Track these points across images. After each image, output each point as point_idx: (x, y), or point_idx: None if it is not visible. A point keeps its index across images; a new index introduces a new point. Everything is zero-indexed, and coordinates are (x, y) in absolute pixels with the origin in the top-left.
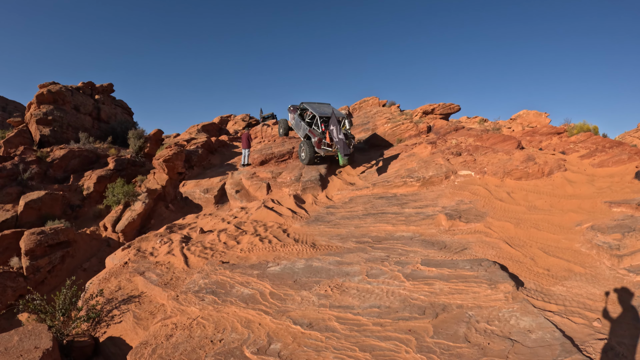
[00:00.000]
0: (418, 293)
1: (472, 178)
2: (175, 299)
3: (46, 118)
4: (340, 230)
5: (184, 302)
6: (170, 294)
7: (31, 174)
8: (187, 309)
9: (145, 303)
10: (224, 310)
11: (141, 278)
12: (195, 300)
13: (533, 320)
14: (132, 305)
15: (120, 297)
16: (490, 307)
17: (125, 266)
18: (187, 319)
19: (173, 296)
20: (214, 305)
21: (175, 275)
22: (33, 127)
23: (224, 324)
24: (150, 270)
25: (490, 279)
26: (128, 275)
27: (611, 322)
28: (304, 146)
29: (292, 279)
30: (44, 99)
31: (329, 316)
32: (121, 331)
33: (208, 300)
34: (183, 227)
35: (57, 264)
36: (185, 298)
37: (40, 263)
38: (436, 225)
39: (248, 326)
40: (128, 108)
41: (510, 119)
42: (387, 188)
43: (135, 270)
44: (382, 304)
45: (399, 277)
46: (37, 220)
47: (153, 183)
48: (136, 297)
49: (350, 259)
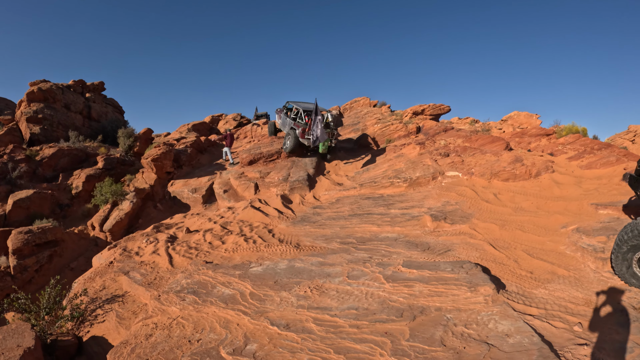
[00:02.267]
0: (397, 295)
1: (459, 179)
2: (157, 298)
3: (36, 116)
4: (326, 231)
5: (165, 302)
6: (153, 293)
7: (20, 173)
8: (168, 308)
9: (129, 302)
10: (203, 310)
11: (125, 277)
12: (176, 300)
13: (512, 324)
14: (115, 304)
15: (105, 297)
16: (469, 310)
17: (111, 266)
18: (167, 319)
19: (155, 296)
20: (195, 305)
21: (159, 275)
22: (23, 125)
23: (203, 324)
24: (135, 269)
25: (470, 281)
26: (113, 274)
27: (592, 326)
28: (289, 136)
29: (273, 279)
30: (34, 97)
31: (306, 317)
32: (104, 330)
33: (189, 300)
34: (170, 227)
35: (45, 263)
36: (167, 298)
37: (27, 262)
38: (421, 227)
39: (226, 326)
40: (119, 107)
41: (501, 120)
42: (374, 189)
43: (120, 270)
44: (361, 306)
45: (379, 278)
46: (26, 219)
47: (141, 182)
48: (120, 297)
49: (333, 259)
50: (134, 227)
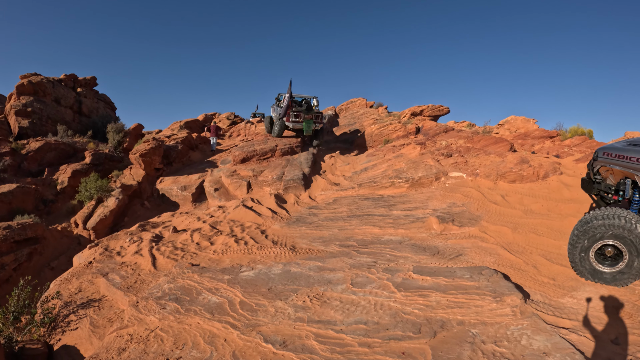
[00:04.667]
0: (411, 306)
1: (463, 180)
2: (135, 305)
3: (25, 109)
4: (323, 233)
5: (144, 309)
6: (132, 299)
7: (4, 166)
8: (145, 318)
9: (105, 308)
10: (186, 321)
11: (104, 280)
12: (155, 308)
13: (547, 340)
14: (90, 310)
15: (80, 301)
16: (496, 324)
17: (89, 266)
18: (144, 330)
19: (133, 302)
20: (176, 314)
21: (141, 278)
22: (12, 119)
23: (185, 337)
24: (115, 271)
25: (494, 290)
26: (90, 276)
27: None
28: (277, 121)
29: (266, 286)
30: (24, 90)
31: (306, 333)
32: (76, 339)
33: (170, 308)
34: (156, 226)
35: (24, 261)
36: (146, 305)
37: (5, 260)
38: (427, 229)
39: (212, 342)
40: (111, 103)
41: (498, 124)
42: (373, 189)
43: (99, 271)
44: (370, 319)
45: (388, 286)
46: (7, 215)
47: (129, 179)
48: (96, 301)
49: (333, 264)
50: (119, 225)
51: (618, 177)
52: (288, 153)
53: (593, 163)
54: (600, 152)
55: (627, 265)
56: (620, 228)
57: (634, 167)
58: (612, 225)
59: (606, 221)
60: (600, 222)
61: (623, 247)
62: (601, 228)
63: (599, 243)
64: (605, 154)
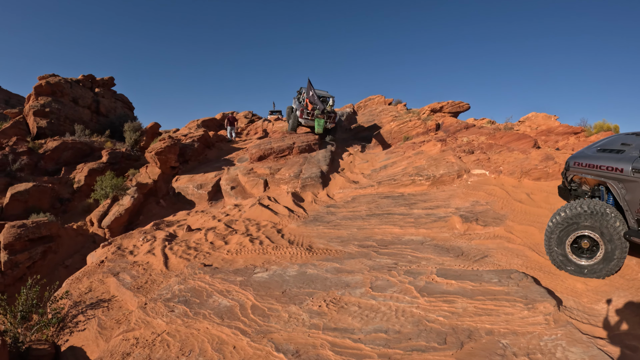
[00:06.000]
0: (435, 313)
1: (486, 177)
2: (143, 307)
3: (43, 110)
4: (341, 232)
5: (151, 312)
6: (141, 300)
7: (21, 165)
8: (153, 321)
9: (114, 309)
10: (194, 325)
11: (114, 280)
12: (164, 311)
13: (585, 353)
14: (99, 310)
15: (89, 301)
16: (528, 334)
17: (101, 265)
18: (150, 334)
19: (141, 304)
20: (184, 318)
21: (152, 278)
22: (30, 119)
23: (192, 343)
24: (126, 271)
25: (525, 295)
26: (101, 275)
27: None
28: (292, 117)
29: (280, 289)
30: (42, 91)
31: (321, 342)
32: (83, 341)
33: (178, 311)
34: (171, 224)
35: (38, 259)
36: (154, 307)
37: (19, 258)
38: (449, 229)
39: (219, 349)
40: (129, 102)
41: (518, 121)
42: (393, 187)
43: (110, 271)
44: (391, 328)
45: (410, 291)
46: (23, 213)
47: (145, 177)
48: (105, 302)
49: (351, 265)
50: (134, 223)
51: (592, 183)
52: (305, 151)
53: (566, 172)
54: (571, 161)
55: (604, 257)
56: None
57: (605, 175)
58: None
59: (581, 211)
60: (575, 212)
61: (598, 238)
62: (577, 218)
63: (574, 234)
64: (575, 164)
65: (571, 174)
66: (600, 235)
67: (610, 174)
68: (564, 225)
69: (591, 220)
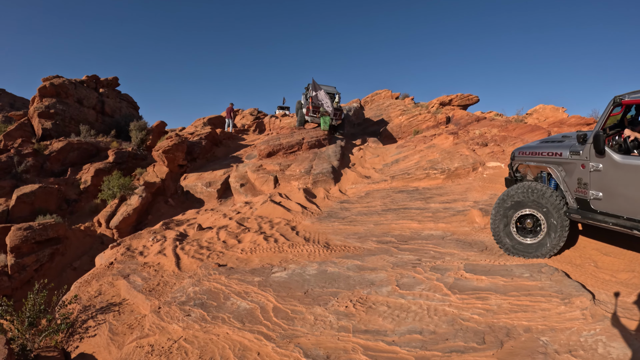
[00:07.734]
0: (469, 311)
1: (502, 170)
2: (157, 312)
3: (48, 111)
4: (358, 228)
5: (166, 316)
6: (154, 303)
7: (26, 167)
8: (168, 326)
9: (126, 313)
10: (213, 330)
11: (124, 282)
12: (179, 315)
13: (627, 347)
14: (110, 315)
15: (99, 305)
16: (567, 330)
17: (110, 267)
18: (166, 340)
19: (155, 307)
20: (202, 323)
21: (164, 280)
22: (35, 121)
23: (212, 350)
24: (136, 272)
25: (559, 290)
26: (111, 278)
27: None
28: (299, 113)
29: (302, 289)
30: (46, 92)
31: (353, 346)
32: (94, 347)
33: (195, 315)
34: (181, 224)
35: (46, 262)
36: (168, 311)
37: (26, 261)
38: (469, 223)
39: (243, 356)
40: (134, 102)
41: (526, 114)
42: (407, 181)
43: (120, 273)
44: (425, 328)
45: (440, 288)
46: (30, 215)
47: (152, 176)
48: (116, 305)
49: (373, 263)
50: (142, 223)
51: (535, 172)
52: (315, 146)
53: (512, 163)
54: (517, 152)
55: (547, 235)
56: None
57: (546, 160)
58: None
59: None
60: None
61: (541, 216)
62: (520, 196)
63: (518, 213)
64: (520, 154)
65: (516, 163)
66: (543, 213)
67: (551, 158)
68: (509, 204)
69: (533, 198)
